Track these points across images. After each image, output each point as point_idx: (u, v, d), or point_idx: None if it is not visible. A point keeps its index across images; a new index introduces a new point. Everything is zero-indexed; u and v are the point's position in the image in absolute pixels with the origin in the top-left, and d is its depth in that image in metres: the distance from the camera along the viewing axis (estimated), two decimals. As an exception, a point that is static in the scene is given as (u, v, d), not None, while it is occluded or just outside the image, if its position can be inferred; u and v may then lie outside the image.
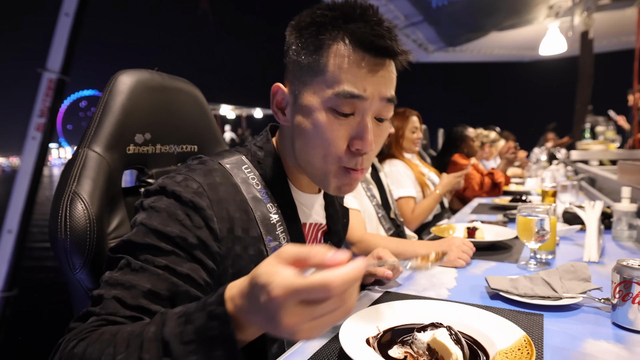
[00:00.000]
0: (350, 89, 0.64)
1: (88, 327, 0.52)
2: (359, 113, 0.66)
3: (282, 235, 0.72)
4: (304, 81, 0.67)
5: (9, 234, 3.18)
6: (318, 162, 0.69)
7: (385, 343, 0.65)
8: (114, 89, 0.88)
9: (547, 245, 1.18)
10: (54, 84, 3.50)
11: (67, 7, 3.52)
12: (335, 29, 0.65)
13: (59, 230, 0.73)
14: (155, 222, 0.60)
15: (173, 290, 0.57)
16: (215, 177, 0.67)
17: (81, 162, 0.80)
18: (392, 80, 0.68)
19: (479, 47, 5.89)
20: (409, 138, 2.22)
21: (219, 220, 0.63)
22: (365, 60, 0.64)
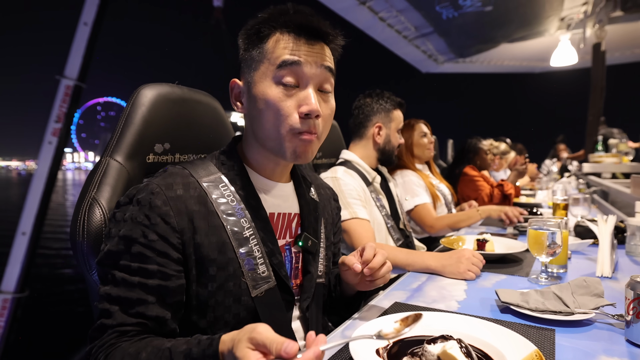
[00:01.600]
0: (288, 57, 0.75)
1: (108, 340, 0.65)
2: (302, 84, 0.76)
3: (251, 239, 0.78)
4: (253, 68, 0.78)
5: (22, 236, 3.26)
6: (273, 133, 0.77)
7: (395, 354, 0.66)
8: (136, 101, 0.92)
9: (558, 259, 1.18)
10: (71, 91, 3.60)
11: (86, 17, 3.63)
12: (274, 22, 0.77)
13: (77, 233, 0.79)
14: (125, 231, 0.70)
15: (153, 290, 0.68)
16: (175, 178, 0.76)
17: (102, 170, 0.85)
18: (328, 56, 0.79)
19: (489, 58, 5.89)
20: (420, 144, 2.24)
21: (176, 214, 0.71)
22: (300, 40, 0.76)
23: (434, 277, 1.19)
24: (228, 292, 0.74)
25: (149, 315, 0.67)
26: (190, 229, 0.72)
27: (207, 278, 0.73)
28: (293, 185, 0.92)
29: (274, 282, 0.78)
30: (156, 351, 0.61)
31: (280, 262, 0.80)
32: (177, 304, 0.71)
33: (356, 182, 1.57)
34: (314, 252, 0.89)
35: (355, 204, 1.49)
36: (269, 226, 0.81)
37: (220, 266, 0.74)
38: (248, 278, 0.75)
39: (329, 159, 1.82)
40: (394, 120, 1.73)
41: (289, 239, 0.87)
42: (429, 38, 4.85)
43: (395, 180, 2.10)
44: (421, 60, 5.50)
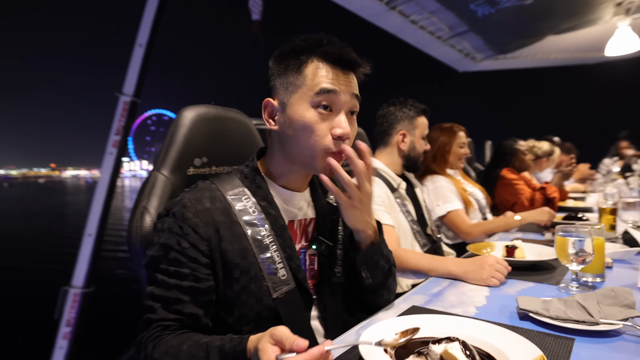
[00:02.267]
0: (327, 86, 0.84)
1: (154, 332, 0.77)
2: (336, 109, 0.86)
3: (272, 246, 0.87)
4: (291, 91, 0.86)
5: (89, 237, 3.60)
6: (307, 151, 0.85)
7: (403, 352, 0.71)
8: (178, 122, 1.06)
9: (593, 268, 1.15)
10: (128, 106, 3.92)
11: (140, 39, 3.95)
12: (311, 51, 0.86)
13: (133, 236, 0.95)
14: (163, 239, 0.82)
15: (186, 291, 0.79)
16: (204, 192, 0.86)
17: (152, 182, 1.00)
18: (356, 84, 0.89)
19: (534, 52, 5.56)
20: (456, 153, 2.23)
21: (204, 224, 0.82)
22: (335, 70, 0.86)
23: (456, 282, 1.21)
24: (250, 293, 0.83)
25: (185, 312, 0.78)
26: (216, 237, 0.83)
27: (232, 280, 0.83)
28: (309, 191, 0.99)
29: (294, 285, 0.86)
30: (195, 344, 0.72)
31: (298, 266, 0.88)
32: (208, 302, 0.82)
33: (380, 189, 1.61)
34: (328, 254, 0.96)
35: (379, 210, 1.53)
36: (287, 233, 0.89)
37: (243, 270, 0.83)
38: (269, 281, 0.84)
39: (357, 167, 1.88)
40: (418, 127, 1.75)
41: (305, 242, 0.95)
42: (465, 37, 4.69)
43: (423, 186, 2.11)
44: (457, 59, 5.33)
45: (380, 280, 0.96)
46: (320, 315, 0.94)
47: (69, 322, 3.59)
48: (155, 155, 1.12)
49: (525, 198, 2.52)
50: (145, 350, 0.76)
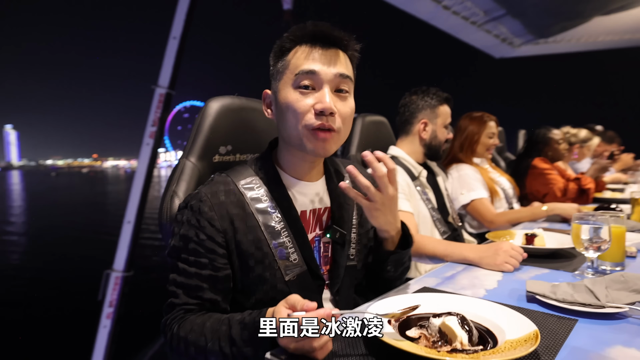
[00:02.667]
0: (306, 67, 0.86)
1: (177, 314, 0.84)
2: (317, 86, 0.87)
3: (283, 232, 0.91)
4: (278, 78, 0.91)
5: (128, 224, 3.84)
6: (294, 131, 0.88)
7: (405, 324, 0.76)
8: (205, 112, 1.14)
9: (612, 256, 1.14)
10: (164, 98, 4.11)
11: (174, 32, 4.10)
12: (294, 38, 0.90)
13: (163, 217, 1.05)
14: (183, 231, 0.88)
15: (205, 279, 0.85)
16: (219, 186, 0.91)
17: (181, 169, 1.10)
18: (342, 61, 0.89)
19: (579, 35, 5.21)
20: (485, 143, 2.20)
21: (220, 218, 0.87)
22: (315, 49, 0.88)
23: (471, 267, 1.23)
24: (265, 280, 0.88)
25: (205, 298, 0.85)
26: (231, 229, 0.88)
27: (247, 269, 0.88)
28: (325, 180, 1.02)
29: (305, 268, 0.91)
30: (217, 320, 0.79)
31: (310, 254, 0.92)
32: (226, 289, 0.88)
33: (401, 177, 1.64)
34: (342, 243, 0.99)
35: (399, 198, 1.56)
36: (299, 223, 0.93)
37: (257, 259, 0.88)
38: (281, 265, 0.89)
39: (379, 155, 1.91)
40: (440, 116, 1.75)
41: (319, 231, 0.98)
42: (502, 21, 4.51)
43: (446, 175, 2.11)
44: (494, 45, 5.14)
45: (400, 274, 1.03)
46: (332, 297, 0.96)
47: (111, 303, 3.88)
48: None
49: (557, 188, 2.45)
50: (171, 331, 0.83)
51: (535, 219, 1.96)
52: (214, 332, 0.77)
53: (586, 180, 2.44)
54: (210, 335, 0.77)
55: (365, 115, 1.93)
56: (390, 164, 0.86)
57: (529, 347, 0.64)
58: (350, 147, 1.83)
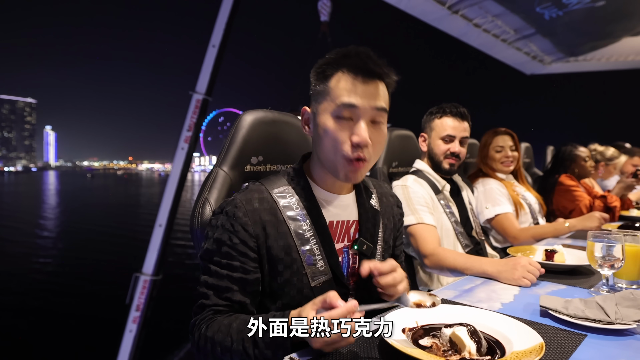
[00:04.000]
0: (347, 100, 0.90)
1: (207, 315, 0.88)
2: (355, 117, 0.92)
3: (312, 240, 0.95)
4: (318, 102, 0.96)
5: (159, 227, 3.98)
6: (330, 156, 0.94)
7: (419, 334, 0.81)
8: (239, 125, 1.22)
9: (628, 274, 1.16)
10: (200, 103, 4.28)
11: (214, 40, 4.28)
12: (337, 64, 0.93)
13: (195, 223, 1.12)
14: (217, 234, 0.92)
15: (236, 281, 0.89)
16: (253, 194, 0.96)
17: (213, 177, 1.17)
18: (381, 95, 0.93)
19: (609, 54, 5.16)
20: (493, 157, 2.22)
21: (253, 223, 0.92)
22: (357, 80, 0.91)
23: (489, 281, 1.26)
24: (292, 285, 0.93)
25: (234, 300, 0.89)
26: (263, 235, 0.92)
27: (276, 273, 0.93)
28: (355, 195, 1.06)
29: (330, 276, 0.96)
30: (243, 322, 0.82)
31: (336, 262, 0.97)
32: (254, 292, 0.92)
33: (424, 190, 1.68)
34: (369, 255, 1.02)
35: (422, 210, 1.61)
36: (327, 232, 0.97)
37: (287, 265, 0.93)
38: (308, 271, 0.94)
39: (405, 168, 1.96)
40: (434, 129, 1.76)
41: (347, 242, 1.02)
42: (532, 39, 4.51)
43: (472, 189, 2.13)
44: (524, 62, 5.11)
45: None
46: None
47: (138, 307, 3.98)
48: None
49: (583, 205, 2.43)
50: (200, 331, 0.86)
51: (559, 235, 1.96)
52: (239, 332, 0.81)
53: (612, 198, 2.40)
54: (235, 336, 0.81)
55: (392, 129, 1.98)
56: (382, 280, 0.87)
57: (532, 358, 0.68)
58: (377, 160, 1.89)
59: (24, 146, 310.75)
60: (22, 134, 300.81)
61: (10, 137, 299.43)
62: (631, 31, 4.32)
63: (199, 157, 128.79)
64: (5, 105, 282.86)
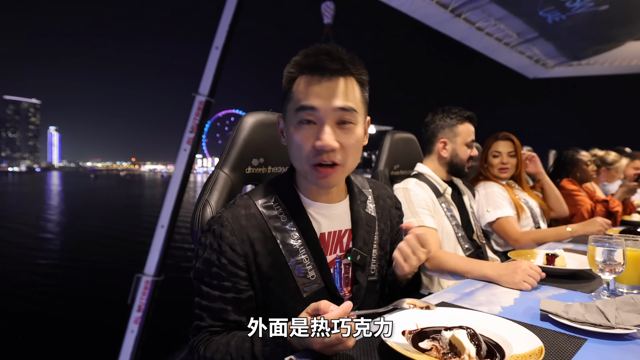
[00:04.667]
0: (304, 103, 0.87)
1: (204, 337, 0.88)
2: (318, 121, 0.88)
3: (301, 250, 0.93)
4: (285, 109, 0.94)
5: (161, 228, 3.99)
6: (299, 165, 0.92)
7: (419, 336, 0.81)
8: (240, 126, 1.22)
9: (629, 279, 1.15)
10: (203, 105, 4.28)
11: (217, 42, 4.28)
12: (299, 66, 0.90)
13: (195, 224, 1.12)
14: (206, 254, 0.90)
15: (229, 302, 0.88)
16: (240, 210, 0.93)
17: (214, 179, 1.17)
18: (344, 92, 0.87)
19: (612, 58, 5.15)
20: (490, 162, 2.24)
21: (241, 242, 0.89)
22: (314, 80, 0.87)
23: (490, 285, 1.26)
24: (285, 302, 0.92)
25: (230, 320, 0.88)
26: (252, 253, 0.90)
27: (268, 290, 0.91)
28: (348, 201, 1.03)
29: (322, 285, 0.94)
30: (241, 339, 0.83)
31: (328, 276, 0.94)
32: (249, 310, 0.91)
33: (425, 193, 1.68)
34: (362, 265, 1.00)
35: (423, 213, 1.61)
36: (318, 246, 0.94)
37: (277, 282, 0.91)
38: (299, 282, 0.92)
39: (407, 171, 1.97)
40: (460, 135, 1.78)
41: (340, 252, 0.99)
42: (535, 43, 4.51)
43: (472, 192, 2.13)
44: (527, 66, 5.11)
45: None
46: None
47: (140, 308, 3.98)
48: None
49: (585, 210, 2.42)
50: (198, 352, 0.86)
51: (560, 240, 1.96)
52: (237, 349, 0.81)
53: (614, 202, 2.40)
54: (235, 354, 0.81)
55: (394, 132, 1.99)
56: (417, 231, 0.91)
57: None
58: (379, 163, 1.89)
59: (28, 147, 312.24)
60: (26, 134, 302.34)
61: (14, 137, 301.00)
62: (635, 35, 4.32)
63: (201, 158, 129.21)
64: (10, 105, 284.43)
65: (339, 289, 0.98)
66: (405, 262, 0.92)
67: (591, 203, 2.47)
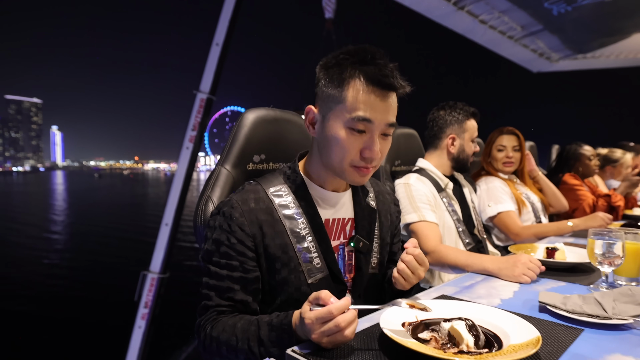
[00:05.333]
0: (363, 114, 0.90)
1: (211, 316, 0.91)
2: (369, 131, 0.93)
3: (307, 237, 0.97)
4: (330, 107, 0.94)
5: (166, 226, 4.01)
6: (337, 163, 0.95)
7: (418, 328, 0.83)
8: (241, 123, 1.23)
9: (627, 271, 1.16)
10: (204, 103, 4.29)
11: (217, 38, 4.27)
12: (353, 69, 0.91)
13: (198, 220, 1.14)
14: (215, 235, 0.94)
15: (237, 281, 0.92)
16: (249, 194, 0.97)
17: (216, 175, 1.18)
18: (394, 108, 0.95)
19: (618, 51, 5.08)
20: (495, 157, 2.24)
21: (250, 223, 0.94)
22: (374, 93, 0.90)
23: (489, 278, 1.27)
24: (290, 283, 0.95)
25: (236, 299, 0.91)
26: (260, 234, 0.94)
27: (274, 271, 0.95)
28: (351, 193, 1.08)
29: (327, 272, 0.98)
30: (247, 322, 0.85)
31: (333, 259, 0.99)
32: (255, 290, 0.94)
33: (427, 188, 1.69)
34: (365, 252, 1.05)
35: (424, 208, 1.62)
36: (323, 230, 0.99)
37: (284, 263, 0.95)
38: (305, 268, 0.96)
39: (408, 167, 1.97)
40: (468, 131, 1.79)
41: (343, 239, 1.04)
42: (539, 36, 4.47)
43: (474, 187, 2.13)
44: (531, 59, 5.07)
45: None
46: (353, 302, 0.99)
47: (146, 304, 4.03)
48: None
49: (586, 204, 2.42)
50: (205, 331, 0.89)
51: (561, 234, 1.96)
52: (244, 332, 0.84)
53: (616, 197, 2.39)
54: (240, 335, 0.84)
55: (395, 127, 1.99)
56: (415, 252, 0.95)
57: (529, 351, 0.69)
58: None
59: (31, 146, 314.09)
60: (29, 134, 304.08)
61: (17, 137, 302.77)
62: (642, 27, 4.26)
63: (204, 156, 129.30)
64: (12, 105, 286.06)
65: (343, 275, 1.01)
66: (405, 282, 0.97)
67: (593, 198, 2.47)
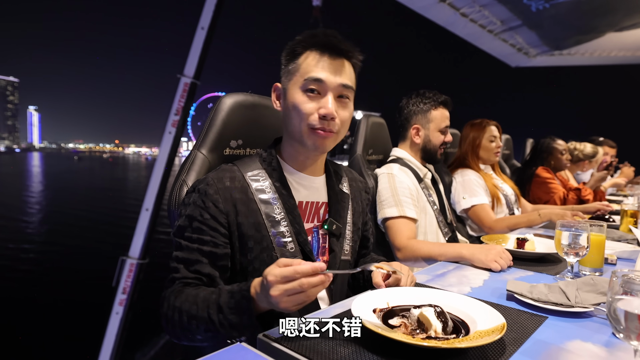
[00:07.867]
0: (314, 74, 0.97)
1: (176, 287, 0.91)
2: (323, 92, 0.98)
3: (282, 222, 0.99)
4: (289, 78, 1.01)
5: (146, 211, 3.94)
6: (297, 127, 0.99)
7: (389, 314, 0.84)
8: (218, 107, 1.21)
9: (592, 262, 1.21)
10: (188, 87, 4.18)
11: (203, 22, 4.16)
12: (306, 42, 1.00)
13: (172, 204, 1.13)
14: (189, 211, 0.96)
15: (206, 254, 0.93)
16: (225, 173, 1.00)
17: (192, 159, 1.17)
18: (348, 73, 1.00)
19: (592, 49, 5.24)
20: (487, 147, 2.26)
21: (224, 200, 0.96)
22: (324, 56, 0.98)
23: (461, 266, 1.30)
24: (262, 262, 0.96)
25: (204, 272, 0.92)
26: (234, 212, 0.96)
27: (246, 249, 0.97)
28: (325, 178, 1.11)
29: (300, 257, 0.99)
30: (210, 291, 0.86)
31: (305, 240, 1.01)
32: (223, 267, 0.96)
33: (409, 180, 1.69)
34: (338, 235, 1.07)
35: (406, 203, 1.62)
36: (296, 211, 1.02)
37: (256, 241, 0.97)
38: (278, 252, 0.97)
39: (378, 156, 1.97)
40: (433, 121, 1.77)
41: (317, 222, 1.07)
42: (518, 31, 4.55)
43: (453, 179, 2.16)
44: (510, 54, 5.16)
45: None
46: (327, 287, 1.04)
47: (124, 290, 3.96)
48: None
49: (557, 197, 2.50)
50: (168, 302, 0.89)
51: (532, 225, 2.02)
52: (204, 300, 0.84)
53: (586, 191, 2.48)
54: (201, 304, 0.84)
55: (369, 116, 1.98)
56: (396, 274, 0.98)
57: (494, 337, 0.72)
58: (356, 147, 1.88)
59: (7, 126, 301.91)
60: (5, 113, 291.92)
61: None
62: (615, 27, 4.39)
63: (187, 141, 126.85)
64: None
65: (316, 257, 1.03)
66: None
67: (564, 191, 2.55)
